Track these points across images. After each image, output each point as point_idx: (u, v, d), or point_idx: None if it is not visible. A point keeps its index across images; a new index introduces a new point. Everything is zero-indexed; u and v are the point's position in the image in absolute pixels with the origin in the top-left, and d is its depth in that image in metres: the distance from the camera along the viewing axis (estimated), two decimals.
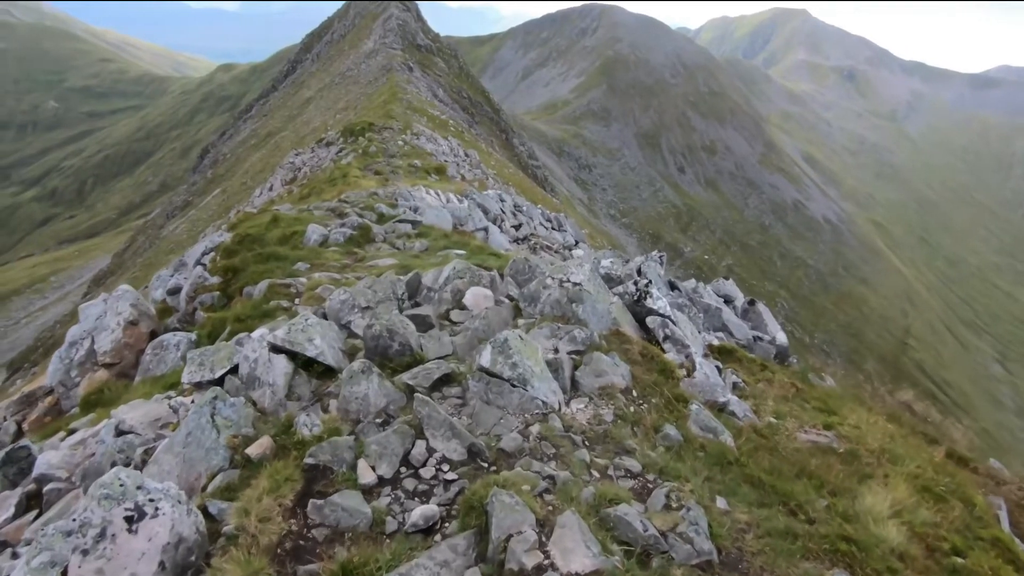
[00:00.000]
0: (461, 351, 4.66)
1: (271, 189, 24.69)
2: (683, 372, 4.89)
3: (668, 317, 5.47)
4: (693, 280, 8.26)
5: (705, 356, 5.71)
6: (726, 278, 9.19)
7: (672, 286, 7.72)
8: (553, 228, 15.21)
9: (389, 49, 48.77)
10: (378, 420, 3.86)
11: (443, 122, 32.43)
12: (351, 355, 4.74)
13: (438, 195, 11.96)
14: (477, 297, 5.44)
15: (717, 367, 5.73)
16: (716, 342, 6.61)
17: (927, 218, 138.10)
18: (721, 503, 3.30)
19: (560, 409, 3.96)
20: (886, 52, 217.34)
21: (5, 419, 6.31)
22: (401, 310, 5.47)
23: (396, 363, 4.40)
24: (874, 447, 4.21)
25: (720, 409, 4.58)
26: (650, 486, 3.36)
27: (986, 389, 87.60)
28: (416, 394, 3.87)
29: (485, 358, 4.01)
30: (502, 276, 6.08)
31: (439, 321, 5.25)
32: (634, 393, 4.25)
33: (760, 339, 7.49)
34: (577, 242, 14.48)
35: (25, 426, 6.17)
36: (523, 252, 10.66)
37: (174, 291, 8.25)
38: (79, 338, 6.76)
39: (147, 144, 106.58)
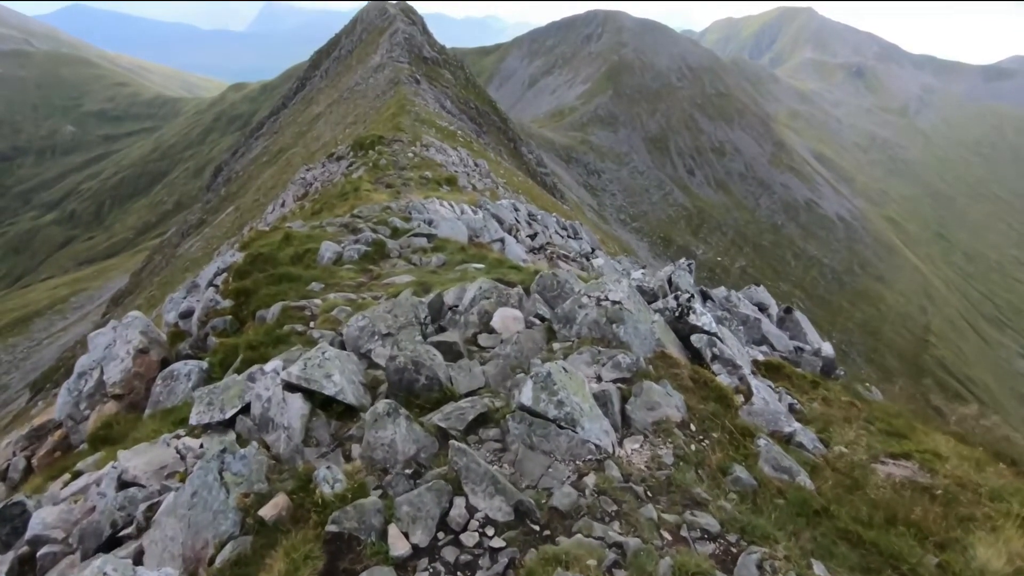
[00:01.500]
0: (494, 382, 4.27)
1: (283, 205, 24.78)
2: (740, 398, 4.45)
3: (714, 334, 5.07)
4: (723, 288, 7.86)
5: (753, 374, 5.29)
6: (757, 284, 8.74)
7: (705, 296, 7.36)
8: (569, 236, 14.96)
9: (396, 63, 49.13)
10: (408, 471, 3.41)
11: (451, 133, 32.45)
12: (373, 388, 4.39)
13: (452, 207, 11.75)
14: (506, 319, 5.08)
15: (770, 387, 5.21)
16: (761, 357, 6.16)
17: (943, 213, 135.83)
18: (819, 569, 2.86)
19: (615, 452, 3.51)
20: (895, 47, 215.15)
21: (15, 454, 6.09)
22: (425, 336, 5.12)
23: (424, 399, 4.02)
24: (965, 479, 3.80)
25: (787, 440, 4.15)
26: (733, 550, 2.92)
27: (1011, 385, 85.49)
28: (451, 441, 3.40)
29: (526, 395, 3.55)
30: (527, 292, 5.72)
31: (467, 347, 4.85)
32: (692, 427, 3.85)
33: (802, 350, 7.08)
34: (594, 249, 14.22)
35: (34, 462, 5.94)
36: (543, 263, 10.38)
37: (186, 314, 7.99)
38: (88, 368, 6.49)
39: (162, 164, 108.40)
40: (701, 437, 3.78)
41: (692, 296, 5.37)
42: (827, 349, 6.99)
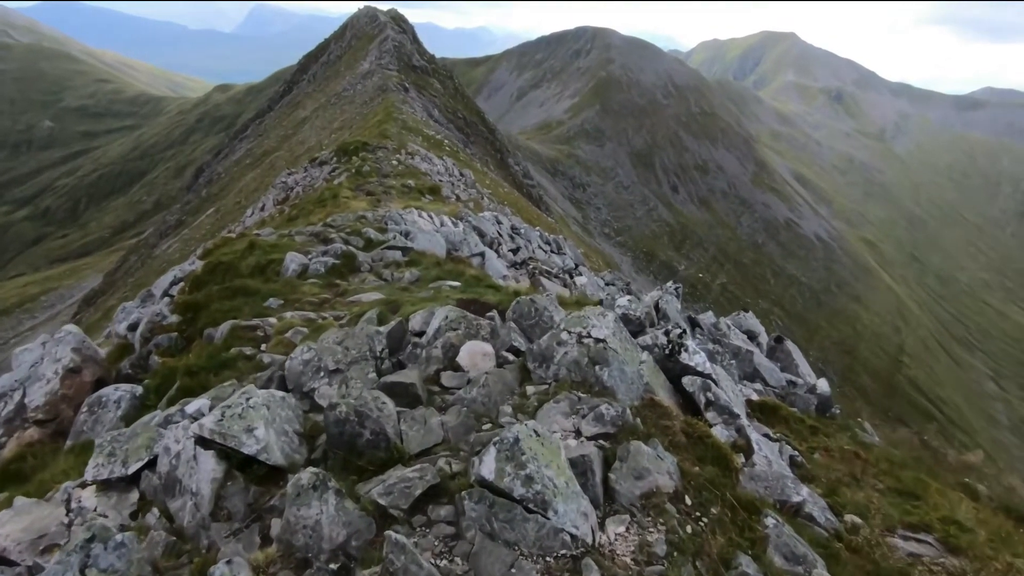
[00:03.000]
0: (454, 436, 3.63)
1: (263, 209, 24.43)
2: (740, 458, 3.94)
3: (709, 376, 4.52)
4: (711, 314, 7.45)
5: (750, 418, 4.86)
6: (745, 309, 8.28)
7: (693, 323, 6.95)
8: (552, 251, 14.73)
9: (385, 70, 49.08)
10: (333, 565, 2.75)
11: (438, 142, 32.40)
12: (312, 438, 3.74)
13: (431, 218, 11.44)
14: (474, 355, 4.45)
15: (767, 435, 4.77)
16: (755, 396, 5.74)
17: (917, 236, 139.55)
18: None
19: (595, 541, 2.90)
20: (873, 74, 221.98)
21: None
22: (380, 372, 4.46)
23: (367, 459, 3.38)
24: (991, 557, 3.48)
25: (795, 512, 3.63)
26: None
27: (981, 407, 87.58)
28: (388, 532, 2.67)
29: (488, 467, 2.93)
30: (503, 316, 5.23)
31: (426, 388, 4.21)
32: (687, 500, 3.27)
33: (794, 383, 6.71)
34: (577, 265, 14.12)
35: None
36: (524, 278, 10.18)
37: (136, 326, 7.27)
38: (9, 389, 5.80)
39: (142, 163, 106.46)
40: (698, 514, 3.22)
41: (684, 332, 4.82)
42: (823, 386, 6.60)
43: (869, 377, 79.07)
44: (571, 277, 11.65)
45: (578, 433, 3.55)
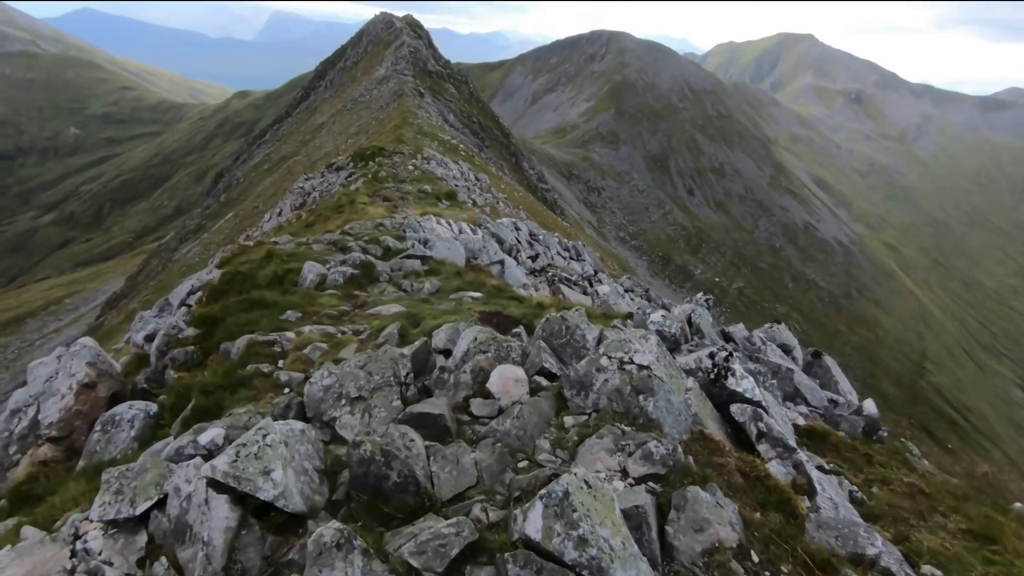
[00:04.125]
0: (489, 476, 3.32)
1: (280, 214, 24.58)
2: (804, 502, 3.55)
3: (759, 404, 4.13)
4: (742, 326, 7.06)
5: (800, 449, 4.29)
6: (776, 322, 7.74)
7: (726, 337, 6.59)
8: (571, 258, 14.51)
9: (401, 75, 49.36)
10: None
11: (454, 146, 32.42)
12: (333, 475, 3.47)
13: (450, 225, 11.29)
14: (506, 380, 4.18)
15: (821, 467, 4.35)
16: (801, 420, 5.29)
17: (940, 240, 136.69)
18: None
19: None
20: (894, 75, 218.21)
21: None
22: (405, 400, 4.20)
23: (395, 505, 3.08)
24: None
25: (870, 565, 3.20)
26: None
27: (1007, 414, 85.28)
28: None
29: (534, 524, 2.59)
30: (528, 330, 4.95)
31: (456, 417, 3.95)
32: (753, 556, 2.88)
33: (835, 403, 6.29)
34: (596, 272, 13.88)
35: None
36: (544, 286, 9.97)
37: (152, 337, 7.14)
38: (23, 405, 5.57)
39: (163, 169, 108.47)
40: (767, 573, 2.85)
41: (731, 355, 4.43)
42: (870, 407, 6.09)
43: (891, 384, 77.46)
44: (591, 284, 11.40)
45: (624, 473, 3.23)
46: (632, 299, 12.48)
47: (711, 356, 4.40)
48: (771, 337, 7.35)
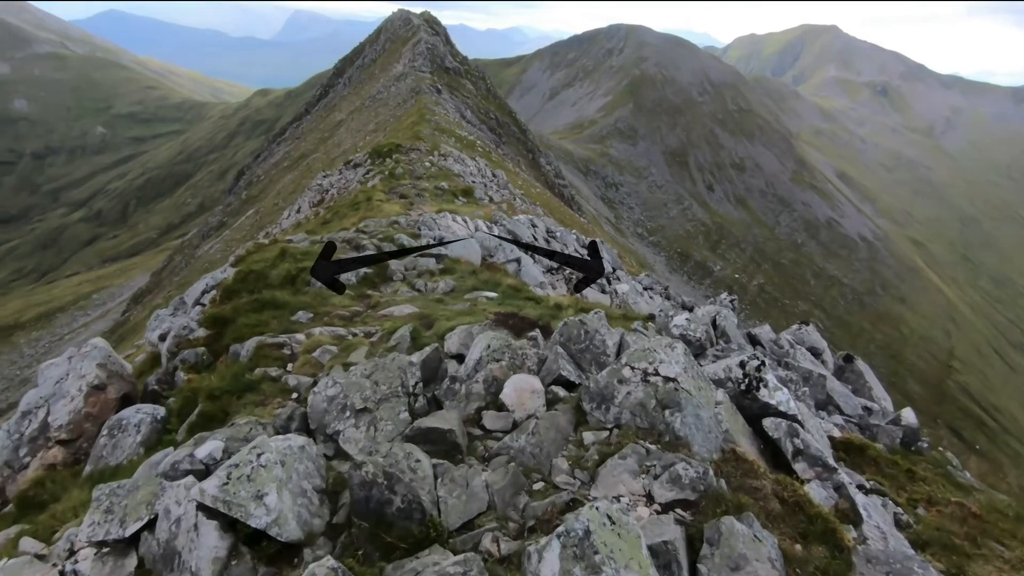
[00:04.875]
0: (502, 499, 3.07)
1: (299, 211, 24.81)
2: (850, 531, 3.20)
3: (794, 417, 3.78)
4: (768, 327, 6.67)
5: (839, 466, 4.02)
6: (804, 323, 7.22)
7: (752, 340, 6.23)
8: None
9: (418, 72, 49.43)
10: None
11: (471, 142, 32.36)
12: (334, 494, 3.26)
13: (465, 222, 11.24)
14: (521, 392, 3.93)
15: (861, 486, 4.02)
16: (837, 432, 4.91)
17: (969, 236, 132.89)
18: None
19: None
20: (921, 66, 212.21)
21: None
22: (413, 411, 3.95)
23: (398, 533, 2.87)
24: None
25: None
26: None
27: None
28: None
29: (550, 567, 2.31)
30: (545, 333, 4.75)
31: (467, 431, 3.70)
32: None
33: (870, 411, 5.92)
34: (615, 269, 13.66)
35: None
36: (561, 288, 9.79)
37: (165, 337, 7.05)
38: (34, 407, 5.50)
39: (187, 167, 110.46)
40: None
41: (763, 363, 4.06)
42: (909, 416, 5.68)
43: (916, 383, 75.72)
44: (609, 282, 11.18)
45: (650, 498, 2.94)
46: (651, 297, 12.27)
47: (742, 365, 4.07)
48: (799, 339, 6.96)
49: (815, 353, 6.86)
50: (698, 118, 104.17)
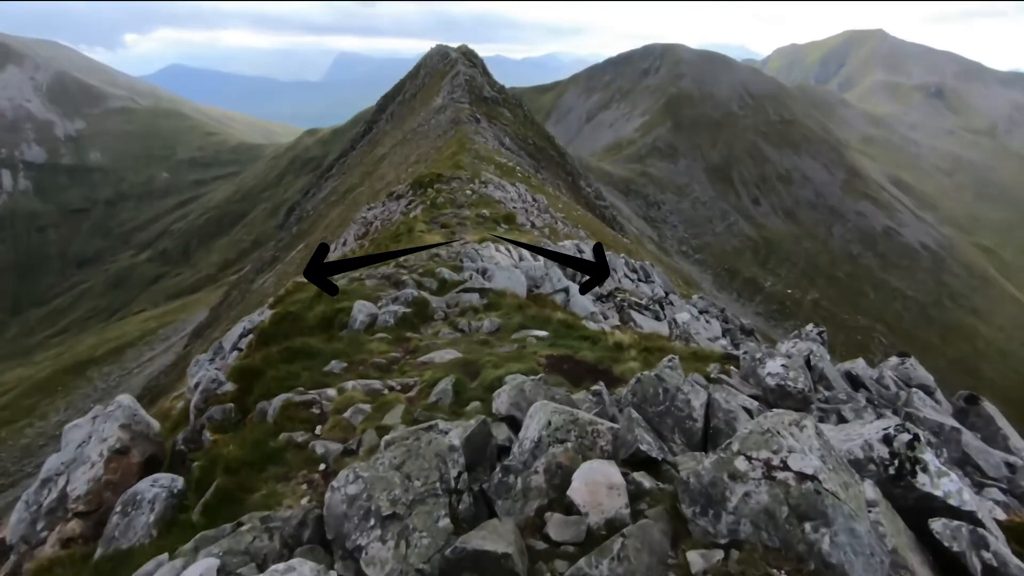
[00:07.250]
0: None
1: (345, 243, 25.68)
2: None
3: (972, 515, 2.81)
4: (862, 362, 5.51)
5: None
6: (906, 354, 5.88)
7: (854, 382, 5.07)
8: (640, 279, 13.76)
9: (457, 104, 50.85)
10: None
11: (510, 169, 32.85)
12: None
13: (509, 252, 10.94)
14: (595, 486, 3.03)
15: None
16: (999, 511, 3.80)
17: None
18: None
19: None
20: (978, 65, 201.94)
21: None
22: (455, 515, 3.08)
23: None
24: None
25: None
26: None
27: None
28: None
29: None
30: (605, 376, 4.04)
31: (527, 543, 2.89)
32: None
33: (1012, 467, 4.66)
34: (667, 294, 13.24)
35: None
36: (612, 316, 9.26)
37: (199, 386, 6.62)
38: (54, 474, 4.96)
39: (242, 205, 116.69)
40: None
41: (917, 437, 3.00)
42: None
43: (997, 401, 69.41)
44: (662, 308, 10.60)
45: None
46: (708, 321, 11.63)
47: (887, 441, 2.96)
48: (904, 376, 5.63)
49: (927, 392, 5.69)
50: (740, 132, 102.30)
